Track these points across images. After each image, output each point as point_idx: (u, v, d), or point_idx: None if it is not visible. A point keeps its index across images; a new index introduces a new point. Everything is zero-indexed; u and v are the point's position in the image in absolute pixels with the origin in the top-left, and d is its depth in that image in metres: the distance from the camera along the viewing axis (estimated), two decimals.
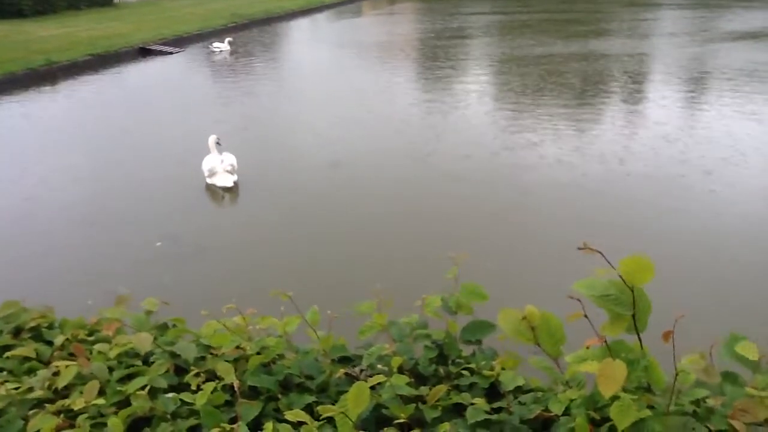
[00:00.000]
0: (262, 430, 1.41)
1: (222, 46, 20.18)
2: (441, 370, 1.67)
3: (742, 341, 1.45)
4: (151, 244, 6.64)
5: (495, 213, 7.22)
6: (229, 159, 8.45)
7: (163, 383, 1.59)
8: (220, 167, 8.35)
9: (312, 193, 8.06)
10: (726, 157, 8.65)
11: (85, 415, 1.47)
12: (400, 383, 1.51)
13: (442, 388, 1.52)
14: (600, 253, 1.32)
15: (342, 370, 1.63)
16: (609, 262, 1.32)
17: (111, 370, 1.66)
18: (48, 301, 2.12)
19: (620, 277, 1.31)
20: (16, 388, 1.59)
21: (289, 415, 1.40)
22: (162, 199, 8.08)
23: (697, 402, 1.40)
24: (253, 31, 24.44)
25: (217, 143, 8.75)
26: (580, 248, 1.34)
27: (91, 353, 1.75)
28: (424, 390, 1.55)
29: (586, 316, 1.38)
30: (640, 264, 1.31)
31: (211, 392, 1.51)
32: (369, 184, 8.28)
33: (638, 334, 1.36)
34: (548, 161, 8.73)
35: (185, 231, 7.02)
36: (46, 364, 1.76)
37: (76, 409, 1.48)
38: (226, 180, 8.33)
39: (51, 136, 11.18)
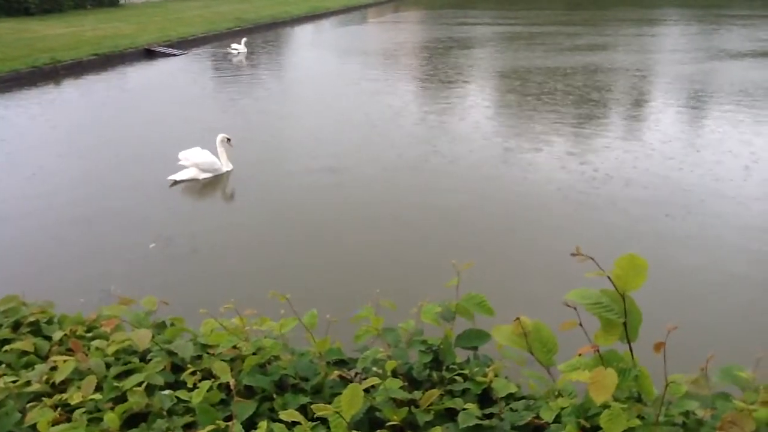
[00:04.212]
0: (256, 429, 1.43)
1: (240, 48, 20.31)
2: (434, 375, 1.69)
3: (734, 367, 1.48)
4: (145, 245, 6.64)
5: (491, 223, 7.23)
6: (195, 156, 8.56)
7: (160, 380, 1.61)
8: (192, 160, 8.54)
9: (308, 197, 8.07)
10: (729, 174, 8.70)
11: (82, 410, 1.48)
12: (394, 386, 1.53)
13: (435, 393, 1.54)
14: (591, 258, 1.34)
15: (336, 373, 1.65)
16: (600, 268, 1.34)
17: (108, 366, 1.68)
18: (40, 298, 2.13)
19: (610, 280, 1.33)
20: (14, 381, 1.61)
21: (283, 415, 1.41)
22: (157, 200, 8.09)
23: (686, 413, 1.42)
24: (258, 35, 24.55)
25: (228, 143, 8.87)
26: (573, 254, 1.37)
27: (88, 349, 1.77)
28: (417, 394, 1.56)
29: (581, 324, 1.40)
30: (634, 264, 1.33)
31: (207, 390, 1.53)
32: (366, 190, 8.30)
33: (629, 344, 1.38)
34: (547, 175, 8.76)
35: (179, 232, 7.02)
36: (44, 358, 1.78)
37: (73, 403, 1.50)
38: (177, 173, 8.52)
39: (50, 134, 11.20)
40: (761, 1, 41.48)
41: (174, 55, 19.97)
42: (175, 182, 8.49)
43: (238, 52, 20.19)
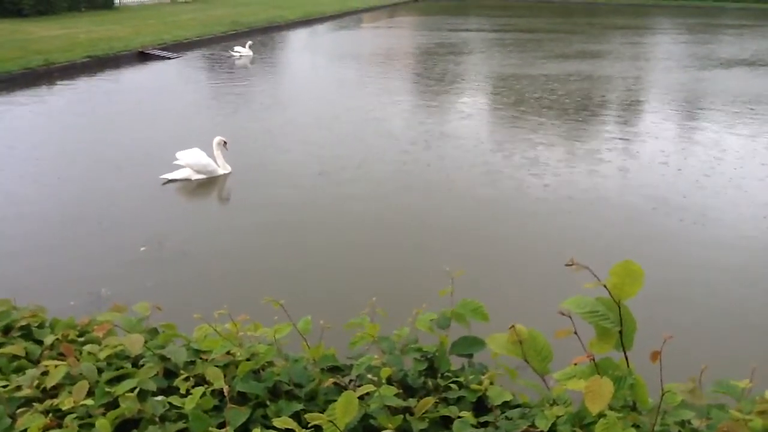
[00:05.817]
0: None
1: (243, 51, 20.23)
2: (429, 382, 1.68)
3: (728, 381, 1.48)
4: (135, 248, 6.59)
5: (486, 230, 7.23)
6: (189, 157, 8.58)
7: (153, 386, 1.59)
8: (186, 161, 8.61)
9: (300, 202, 8.03)
10: (726, 178, 8.75)
11: (74, 415, 1.47)
12: (389, 394, 1.52)
13: (429, 401, 1.53)
14: (587, 268, 1.34)
15: (331, 380, 1.64)
16: (596, 276, 1.34)
17: (100, 371, 1.66)
18: (29, 300, 2.11)
19: (606, 288, 1.33)
20: (5, 386, 1.59)
21: (276, 422, 1.40)
22: (149, 202, 8.05)
23: (682, 423, 1.42)
24: (253, 39, 24.52)
25: (224, 146, 8.88)
26: (567, 264, 1.36)
27: (80, 354, 1.75)
28: (412, 402, 1.55)
29: (576, 333, 1.39)
30: (630, 270, 1.33)
31: (200, 397, 1.51)
32: (362, 195, 8.28)
33: (625, 352, 1.38)
34: (542, 182, 8.77)
35: (170, 236, 6.96)
36: (36, 363, 1.76)
37: (64, 408, 1.48)
38: (171, 173, 8.58)
39: (42, 135, 11.13)
40: (752, 11, 41.84)
41: (168, 58, 19.92)
42: (168, 181, 8.48)
43: (241, 55, 20.11)
